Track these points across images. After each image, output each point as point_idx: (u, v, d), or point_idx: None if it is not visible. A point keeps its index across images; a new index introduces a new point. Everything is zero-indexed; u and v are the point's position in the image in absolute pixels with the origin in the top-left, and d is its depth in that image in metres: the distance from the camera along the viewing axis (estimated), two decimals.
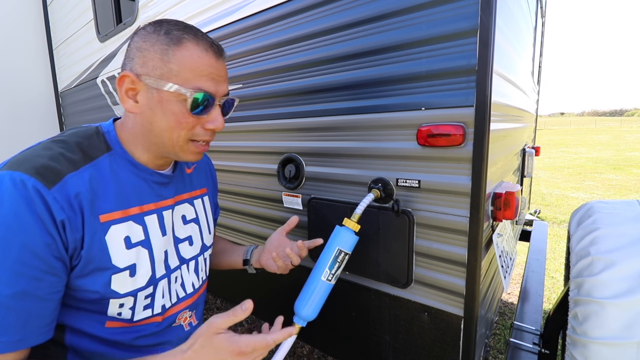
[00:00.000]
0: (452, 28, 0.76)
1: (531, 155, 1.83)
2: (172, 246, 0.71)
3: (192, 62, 0.58)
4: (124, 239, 0.60)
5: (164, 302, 0.68)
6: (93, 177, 0.57)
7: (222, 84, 0.62)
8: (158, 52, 0.57)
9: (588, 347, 0.78)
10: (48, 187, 0.51)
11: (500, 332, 1.93)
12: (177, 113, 0.59)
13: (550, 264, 2.80)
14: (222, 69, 0.62)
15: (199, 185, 0.82)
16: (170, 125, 0.59)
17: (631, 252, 0.79)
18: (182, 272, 0.73)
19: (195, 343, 0.55)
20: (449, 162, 0.81)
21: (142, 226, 0.64)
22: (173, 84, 0.57)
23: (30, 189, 0.49)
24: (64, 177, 0.53)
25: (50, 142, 0.57)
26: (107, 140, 0.63)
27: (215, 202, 0.93)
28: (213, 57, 0.60)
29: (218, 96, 0.62)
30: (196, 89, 0.58)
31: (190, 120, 0.60)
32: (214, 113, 0.62)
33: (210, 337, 0.54)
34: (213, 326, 0.55)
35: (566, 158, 10.50)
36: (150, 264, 0.64)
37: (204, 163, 0.89)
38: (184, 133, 0.61)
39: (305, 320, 0.75)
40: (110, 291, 0.58)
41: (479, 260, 0.80)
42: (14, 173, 0.49)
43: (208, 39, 0.61)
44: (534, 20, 1.82)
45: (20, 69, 2.70)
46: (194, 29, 0.60)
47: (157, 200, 0.68)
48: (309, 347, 1.78)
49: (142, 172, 0.65)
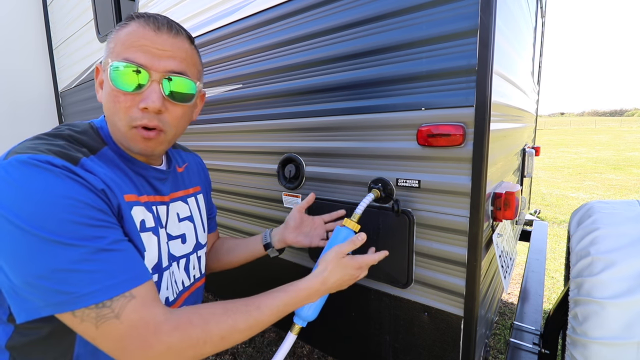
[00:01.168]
0: (452, 28, 0.76)
1: (531, 155, 1.83)
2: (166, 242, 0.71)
3: (125, 35, 0.56)
4: (140, 221, 0.60)
5: (168, 294, 0.68)
6: (103, 165, 0.57)
7: (163, 60, 0.56)
8: (109, 38, 0.59)
9: (588, 347, 0.78)
10: (75, 165, 0.51)
11: (500, 332, 1.93)
12: (109, 91, 0.56)
13: (550, 264, 2.80)
14: (164, 43, 0.57)
15: (191, 183, 0.82)
16: (109, 106, 0.58)
17: (631, 252, 0.79)
18: (173, 269, 0.72)
19: (328, 266, 0.72)
20: (449, 162, 0.81)
21: (152, 214, 0.64)
22: (107, 60, 0.56)
23: (60, 166, 0.48)
24: (80, 159, 0.52)
25: (48, 136, 0.55)
26: (102, 135, 0.62)
27: (210, 200, 0.93)
28: (151, 30, 0.56)
29: (154, 71, 0.56)
30: (121, 60, 0.55)
31: (122, 99, 0.56)
32: (147, 90, 0.56)
33: (338, 260, 0.73)
34: (341, 252, 0.74)
35: (566, 158, 10.50)
36: (157, 251, 0.64)
37: (196, 162, 0.89)
38: (122, 116, 0.57)
39: (306, 320, 0.75)
40: None
41: (479, 260, 0.80)
42: (36, 155, 0.48)
43: (157, 16, 0.58)
44: (534, 20, 1.82)
45: (20, 69, 2.70)
46: (152, 14, 0.59)
47: (155, 195, 0.67)
48: (309, 347, 1.78)
49: (137, 166, 0.64)
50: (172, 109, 0.60)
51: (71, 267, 0.45)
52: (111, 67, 0.54)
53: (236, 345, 1.82)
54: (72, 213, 0.46)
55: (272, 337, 1.90)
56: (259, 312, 0.59)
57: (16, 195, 0.45)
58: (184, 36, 0.60)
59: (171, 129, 0.62)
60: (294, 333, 0.75)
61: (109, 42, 0.58)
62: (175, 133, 0.64)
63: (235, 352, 1.78)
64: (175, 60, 0.58)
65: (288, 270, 1.22)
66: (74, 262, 0.45)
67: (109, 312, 0.46)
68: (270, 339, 1.88)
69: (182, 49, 0.60)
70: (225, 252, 0.95)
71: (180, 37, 0.59)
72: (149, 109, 0.56)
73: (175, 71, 0.58)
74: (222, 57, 1.31)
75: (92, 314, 0.46)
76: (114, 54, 0.56)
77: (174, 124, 0.61)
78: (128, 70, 0.54)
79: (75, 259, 0.45)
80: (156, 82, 0.56)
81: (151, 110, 0.56)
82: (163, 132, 0.60)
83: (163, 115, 0.59)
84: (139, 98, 0.56)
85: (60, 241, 0.45)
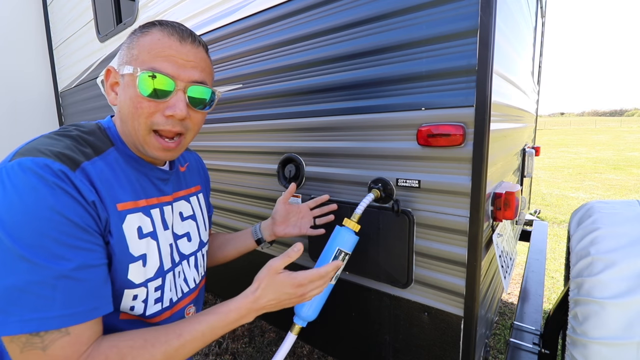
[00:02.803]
0: (452, 28, 0.76)
1: (531, 155, 1.83)
2: (173, 242, 0.71)
3: (150, 44, 0.58)
4: (137, 228, 0.61)
5: (172, 295, 0.69)
6: (104, 168, 0.58)
7: (187, 70, 0.60)
8: (127, 42, 0.61)
9: (588, 347, 0.78)
10: (73, 170, 0.51)
11: (500, 332, 1.93)
12: (133, 97, 0.58)
13: (550, 264, 2.80)
14: (188, 53, 0.60)
15: (192, 183, 0.83)
16: (130, 110, 0.59)
17: (631, 252, 0.79)
18: (184, 268, 0.74)
19: (261, 284, 0.64)
20: (449, 162, 0.81)
21: (150, 218, 0.64)
22: (131, 66, 0.57)
23: (57, 171, 0.49)
24: (81, 164, 0.54)
25: (56, 135, 0.57)
26: (109, 135, 0.63)
27: (208, 200, 0.94)
28: (176, 40, 0.59)
29: (180, 80, 0.59)
30: (149, 69, 0.57)
31: (145, 105, 0.58)
32: (174, 99, 0.59)
33: (272, 277, 0.65)
34: (273, 268, 0.65)
35: (566, 158, 10.50)
36: (158, 255, 0.65)
37: (195, 162, 0.90)
38: (143, 120, 0.59)
39: (306, 320, 0.75)
40: (127, 281, 0.59)
41: (479, 260, 0.80)
42: (36, 158, 0.49)
43: (179, 26, 0.60)
44: (534, 20, 1.82)
45: (20, 69, 2.70)
46: (172, 23, 0.60)
47: (159, 195, 0.68)
48: (309, 347, 1.78)
49: (142, 167, 0.66)
50: (194, 115, 0.64)
51: (26, 288, 0.45)
52: (139, 76, 0.56)
53: (236, 345, 1.83)
54: (52, 229, 0.47)
55: (272, 337, 1.90)
56: (180, 340, 0.56)
57: (6, 201, 0.46)
58: (202, 47, 0.64)
59: (190, 133, 0.66)
60: (294, 333, 0.75)
61: (130, 47, 0.60)
62: (192, 136, 0.68)
63: (235, 352, 1.78)
64: (197, 70, 0.61)
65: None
66: (31, 283, 0.45)
67: (38, 342, 0.46)
68: (270, 339, 1.88)
69: (203, 59, 0.63)
70: (216, 248, 0.97)
71: (200, 47, 0.63)
72: (176, 116, 0.60)
73: (197, 81, 0.62)
74: (222, 57, 1.31)
75: (22, 338, 0.46)
76: (139, 61, 0.58)
77: (194, 128, 0.66)
78: (156, 80, 0.57)
79: (33, 280, 0.45)
80: (181, 91, 0.60)
81: (177, 118, 0.60)
82: (184, 136, 0.64)
83: (186, 121, 0.63)
84: (164, 105, 0.59)
85: (27, 258, 0.45)
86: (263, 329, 1.97)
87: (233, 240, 0.98)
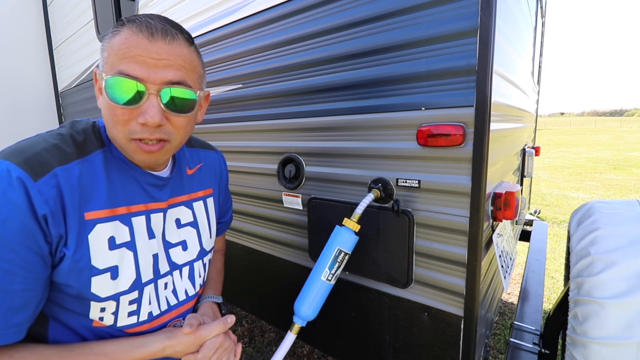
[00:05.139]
0: (452, 28, 0.76)
1: (531, 155, 1.83)
2: (163, 251, 0.66)
3: (119, 45, 0.52)
4: (109, 239, 0.57)
5: (151, 309, 0.64)
6: (83, 172, 0.54)
7: (159, 70, 0.52)
8: (102, 44, 0.55)
9: (588, 347, 0.78)
10: (34, 179, 0.48)
11: (500, 332, 1.93)
12: (107, 105, 0.53)
13: (550, 264, 2.80)
14: (159, 51, 0.52)
15: (201, 186, 0.77)
16: (107, 118, 0.55)
17: (631, 252, 0.79)
18: (174, 278, 0.69)
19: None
20: (449, 162, 0.81)
21: (129, 227, 0.60)
22: (101, 70, 0.53)
23: (13, 179, 0.47)
24: (52, 169, 0.51)
25: (47, 134, 0.55)
26: (103, 136, 0.60)
27: (224, 203, 0.88)
28: (144, 37, 0.51)
29: (150, 83, 0.52)
30: (116, 74, 0.51)
31: (119, 113, 0.52)
32: (145, 104, 0.53)
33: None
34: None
35: (566, 158, 10.50)
36: (135, 267, 0.60)
37: (214, 161, 0.83)
38: (120, 128, 0.54)
39: (305, 320, 0.76)
40: (90, 294, 0.55)
41: (479, 260, 0.80)
42: (3, 162, 0.48)
43: (152, 20, 0.53)
44: (534, 20, 1.82)
45: (20, 69, 2.70)
46: (146, 17, 0.54)
47: (148, 202, 0.63)
48: (309, 347, 1.78)
49: (133, 171, 0.61)
50: (174, 119, 0.57)
51: None
52: (106, 81, 0.51)
53: None
54: None
55: (272, 337, 1.90)
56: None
57: None
58: (180, 40, 0.55)
59: (176, 138, 0.59)
60: (294, 333, 0.75)
61: (102, 49, 0.55)
62: (181, 140, 0.60)
63: None
64: (172, 69, 0.54)
65: (288, 270, 1.22)
66: None
67: None
68: (270, 339, 1.88)
69: (180, 55, 0.55)
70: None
71: (176, 41, 0.55)
72: (148, 124, 0.53)
73: (173, 81, 0.54)
74: (222, 57, 1.31)
75: None
76: (108, 64, 0.53)
77: (177, 132, 0.58)
78: (123, 84, 0.51)
79: None
80: (154, 95, 0.53)
81: (150, 125, 0.53)
82: (167, 141, 0.58)
83: (164, 126, 0.56)
84: (138, 111, 0.53)
85: None
86: (263, 329, 1.96)
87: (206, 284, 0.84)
